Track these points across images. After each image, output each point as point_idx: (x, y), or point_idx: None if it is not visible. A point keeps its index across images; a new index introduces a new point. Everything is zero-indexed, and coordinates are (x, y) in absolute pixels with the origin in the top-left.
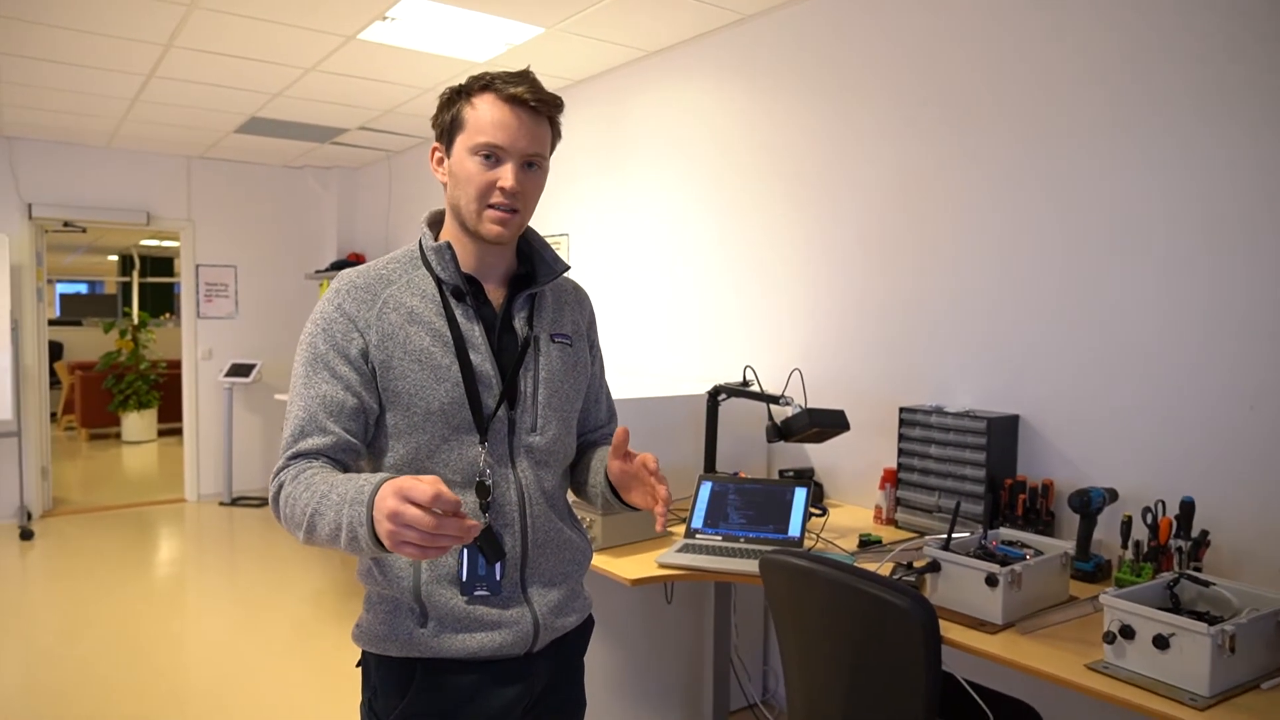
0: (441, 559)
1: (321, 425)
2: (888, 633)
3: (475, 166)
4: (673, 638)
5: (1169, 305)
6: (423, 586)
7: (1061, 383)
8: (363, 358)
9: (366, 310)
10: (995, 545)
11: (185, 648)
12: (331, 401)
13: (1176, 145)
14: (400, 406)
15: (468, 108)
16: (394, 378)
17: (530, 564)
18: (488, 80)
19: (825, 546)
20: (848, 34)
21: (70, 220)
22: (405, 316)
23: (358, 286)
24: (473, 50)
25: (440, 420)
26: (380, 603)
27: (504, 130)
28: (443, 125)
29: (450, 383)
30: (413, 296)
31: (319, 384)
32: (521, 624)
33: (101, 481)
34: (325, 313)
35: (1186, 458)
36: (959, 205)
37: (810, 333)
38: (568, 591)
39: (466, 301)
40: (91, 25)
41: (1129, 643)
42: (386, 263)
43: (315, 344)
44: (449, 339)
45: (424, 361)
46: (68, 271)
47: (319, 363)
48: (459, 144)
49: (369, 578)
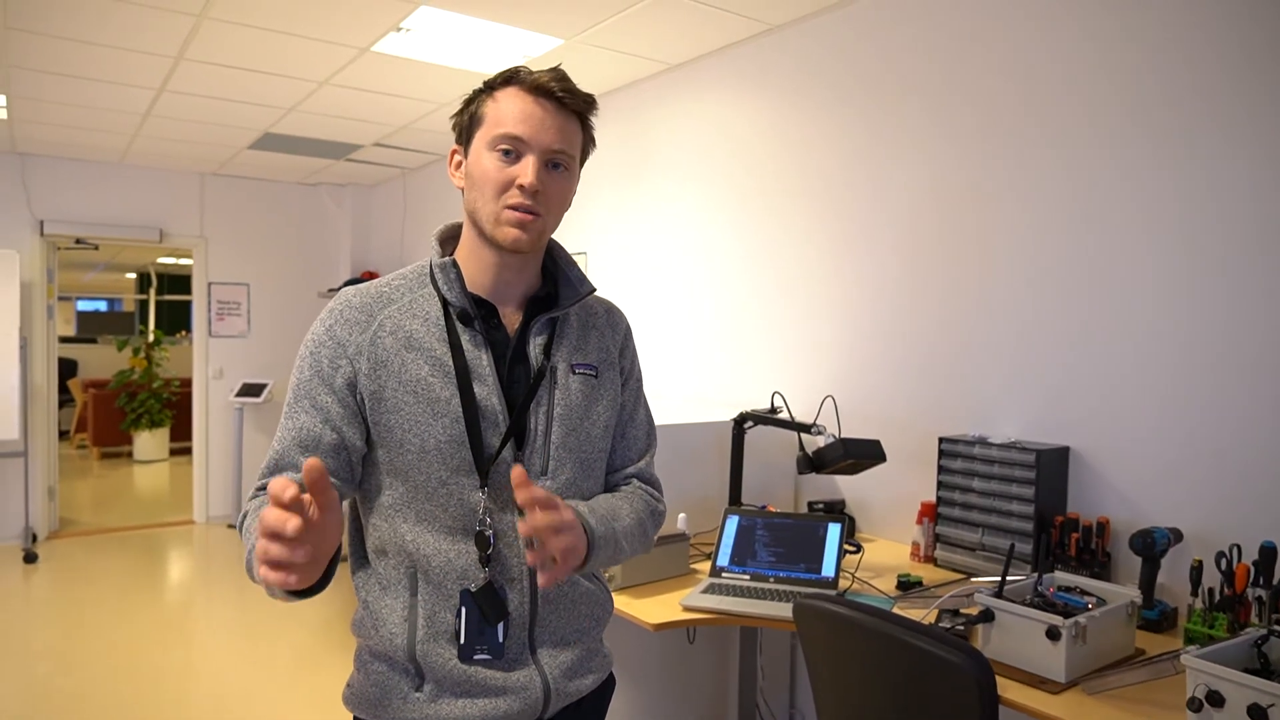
0: (440, 614)
1: (294, 462)
2: (938, 690)
3: (493, 162)
4: (695, 680)
5: (1234, 325)
6: (418, 645)
7: (1114, 411)
8: (349, 388)
9: (359, 334)
10: (1053, 592)
11: (187, 677)
12: (308, 436)
13: (1229, 155)
14: (392, 443)
15: (489, 101)
16: (385, 410)
17: (540, 623)
18: (511, 73)
19: (861, 588)
20: (876, 44)
21: (82, 237)
22: (402, 342)
23: (353, 307)
24: (489, 63)
25: (436, 460)
26: (372, 660)
27: (526, 122)
28: (461, 124)
29: (449, 418)
30: (413, 319)
31: (299, 414)
32: (530, 689)
33: (110, 502)
34: (316, 335)
35: (1256, 495)
36: (996, 220)
37: (842, 357)
38: (583, 651)
39: (475, 326)
40: (101, 37)
41: (1217, 710)
42: (392, 280)
43: (302, 369)
44: (450, 368)
45: (420, 393)
46: (87, 289)
47: (302, 390)
48: (477, 140)
49: (361, 629)
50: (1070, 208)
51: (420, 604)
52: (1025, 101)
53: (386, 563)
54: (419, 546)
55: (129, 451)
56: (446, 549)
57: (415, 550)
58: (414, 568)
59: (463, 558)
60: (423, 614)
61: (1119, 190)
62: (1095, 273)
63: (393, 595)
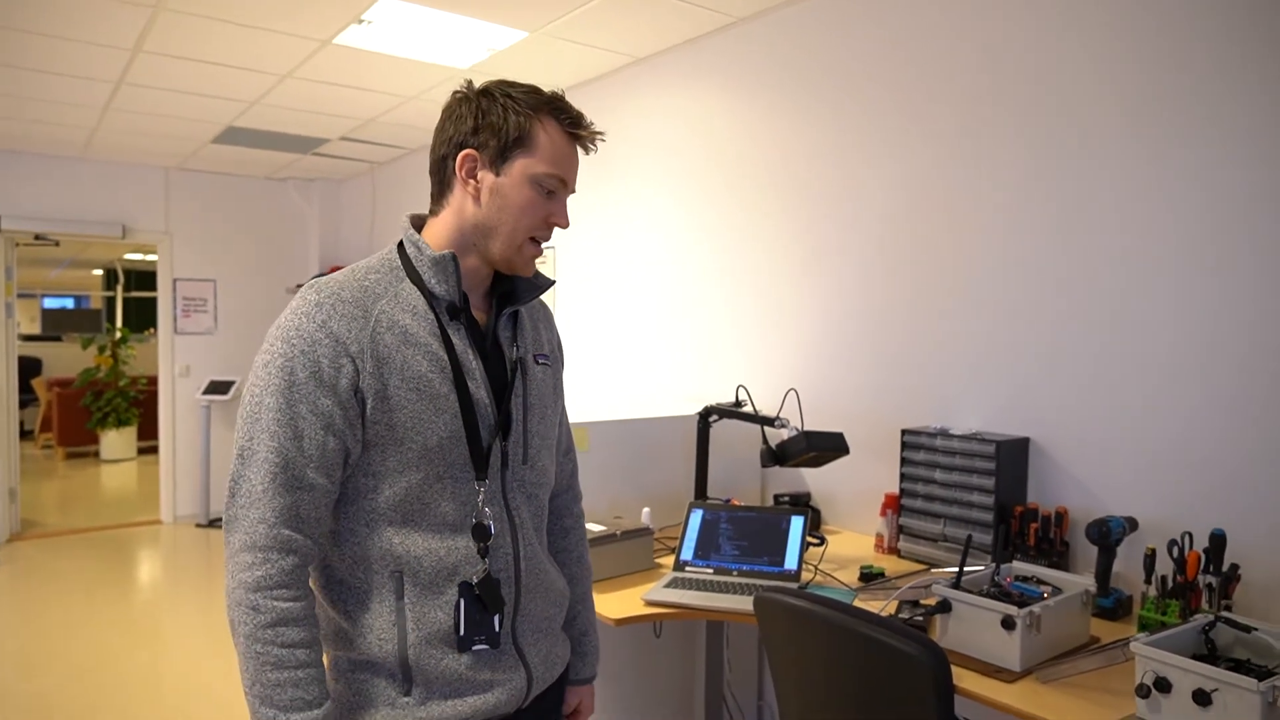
0: (431, 615)
1: (300, 475)
2: (895, 681)
3: (535, 195)
4: (662, 674)
5: (1190, 320)
6: (410, 649)
7: (1073, 403)
8: (352, 390)
9: (359, 330)
10: (1010, 582)
11: (154, 679)
12: (311, 444)
13: (1191, 153)
14: (393, 442)
15: (539, 129)
16: (390, 409)
17: (521, 611)
18: (554, 102)
19: (824, 580)
20: (842, 37)
21: (42, 233)
22: (400, 338)
23: (345, 301)
24: (454, 56)
25: (438, 457)
26: (353, 670)
27: (571, 166)
28: (501, 134)
29: (449, 414)
30: (404, 314)
31: (295, 421)
32: (515, 680)
33: (75, 502)
34: (305, 331)
35: (1210, 484)
36: (963, 216)
37: (806, 350)
38: (554, 639)
39: (461, 320)
40: (57, 29)
41: (1165, 697)
42: (366, 273)
43: (292, 370)
44: (446, 364)
45: (422, 390)
46: (53, 285)
47: (296, 394)
48: (521, 165)
49: (338, 642)
50: (1035, 205)
51: (408, 607)
52: (995, 97)
53: (367, 570)
54: (408, 549)
55: (95, 451)
56: (436, 547)
57: (404, 554)
58: (399, 572)
59: (454, 554)
60: (412, 617)
61: (1084, 189)
62: (1058, 270)
63: (376, 601)
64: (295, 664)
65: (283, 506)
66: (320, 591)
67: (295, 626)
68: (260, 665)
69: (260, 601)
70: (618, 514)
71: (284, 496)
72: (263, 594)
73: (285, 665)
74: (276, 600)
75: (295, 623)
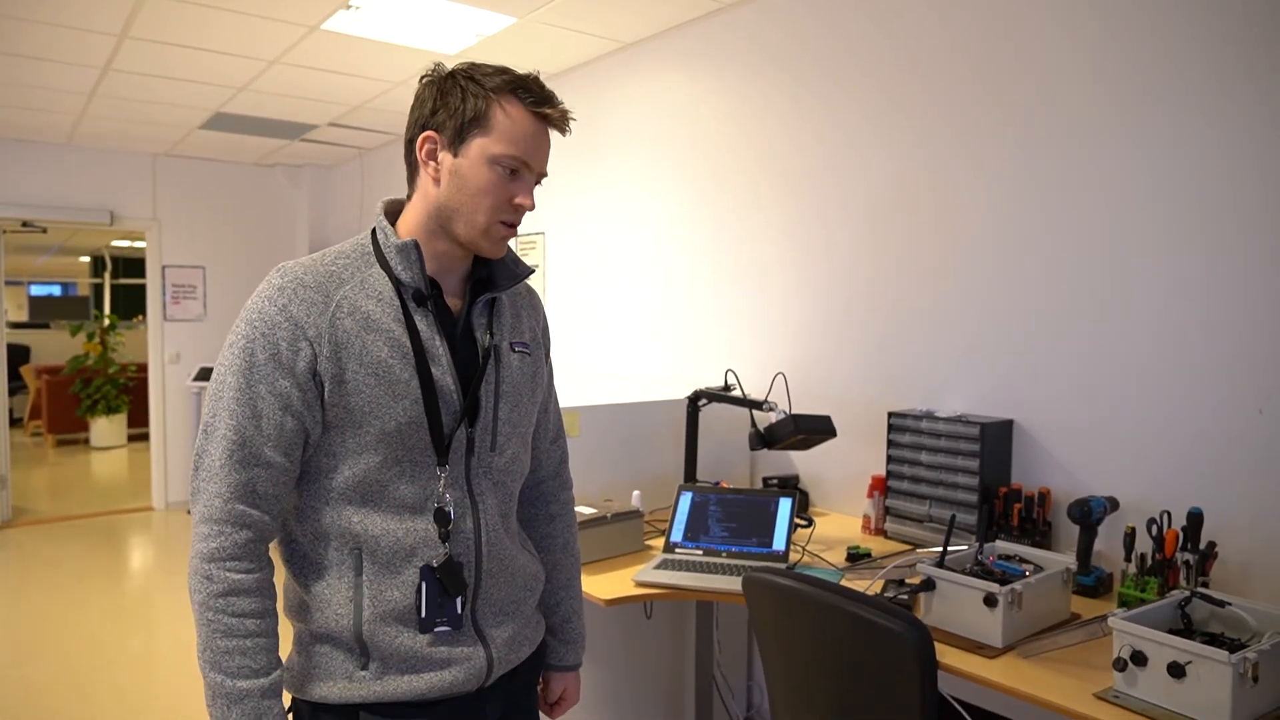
0: (388, 593)
1: (257, 452)
2: (880, 657)
3: (495, 177)
4: (653, 655)
5: (1170, 305)
6: (364, 625)
7: (1057, 386)
8: (309, 372)
9: (318, 315)
10: (992, 561)
11: (147, 665)
12: (269, 423)
13: (1175, 141)
14: (351, 425)
15: (497, 110)
16: (346, 393)
17: (482, 595)
18: (516, 83)
19: (812, 561)
20: (833, 23)
21: (29, 220)
22: (360, 323)
23: (306, 285)
24: (442, 42)
25: (396, 442)
26: (314, 642)
27: (536, 147)
28: (457, 115)
29: (409, 400)
30: (368, 299)
31: (254, 400)
32: (474, 660)
33: (66, 489)
34: (266, 314)
35: (1189, 465)
36: (949, 201)
37: (794, 335)
38: (522, 621)
39: (428, 307)
40: (42, 15)
41: (1141, 670)
42: (335, 258)
43: (252, 352)
44: (408, 349)
45: (381, 375)
46: (39, 273)
47: (258, 375)
48: (478, 145)
49: (300, 614)
50: (1021, 194)
51: (366, 584)
52: (982, 82)
53: (328, 546)
54: (366, 528)
55: (85, 438)
56: (394, 528)
57: (362, 532)
58: (359, 549)
59: (412, 536)
60: (369, 594)
61: (1070, 177)
62: (1041, 256)
63: (336, 577)
64: (244, 633)
65: (238, 482)
66: (285, 565)
67: (246, 597)
68: (211, 632)
69: (214, 571)
70: (608, 497)
71: (240, 472)
72: (216, 564)
73: (234, 634)
74: (229, 571)
75: (246, 593)
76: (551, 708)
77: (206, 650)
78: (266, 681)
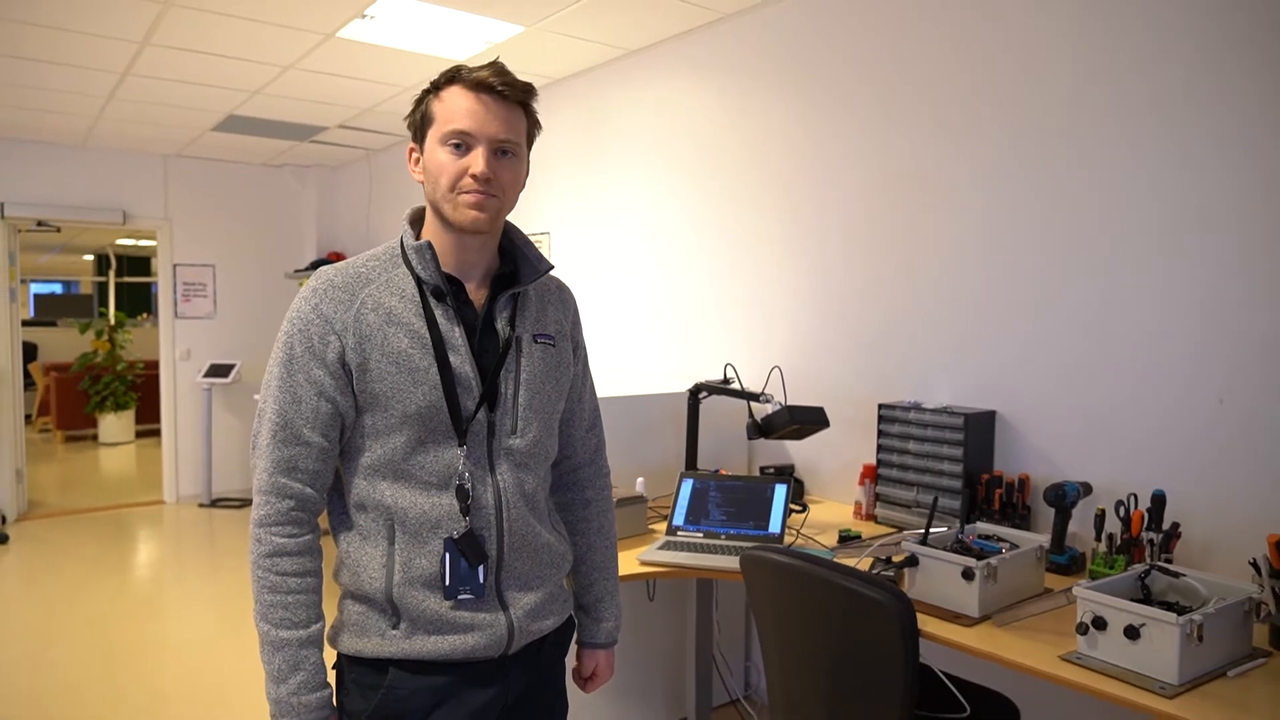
0: (416, 561)
1: (297, 433)
2: (866, 627)
3: (446, 156)
4: (655, 635)
5: (1143, 304)
6: (395, 588)
7: (1038, 380)
8: (339, 361)
9: (344, 311)
10: (972, 539)
11: (162, 653)
12: (307, 407)
13: (1159, 143)
14: (378, 408)
15: (435, 101)
16: (371, 380)
17: (506, 567)
18: (453, 72)
19: (805, 542)
20: (829, 32)
21: (44, 220)
22: (383, 317)
23: (335, 286)
24: (452, 49)
25: (418, 423)
26: (353, 602)
27: (471, 116)
28: (415, 124)
29: (428, 385)
30: (391, 296)
31: (294, 388)
32: (495, 627)
33: (78, 484)
34: (302, 313)
35: (1158, 452)
36: (940, 203)
37: (790, 330)
38: (546, 594)
39: (447, 302)
40: (65, 22)
41: (1101, 633)
42: (366, 260)
43: (291, 345)
44: (427, 340)
45: (401, 364)
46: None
47: (296, 365)
48: (430, 138)
49: (342, 577)
50: (1009, 196)
51: (397, 552)
52: (972, 86)
53: (365, 516)
54: (397, 501)
55: (94, 434)
56: (421, 502)
57: (393, 504)
58: (391, 520)
59: (437, 509)
60: (399, 561)
61: (1057, 178)
62: (1023, 260)
63: (372, 545)
64: (286, 590)
65: (281, 458)
66: (334, 531)
67: (288, 558)
68: (260, 587)
69: (261, 535)
70: (614, 484)
71: (283, 450)
72: (264, 529)
73: (278, 590)
74: (274, 535)
75: (289, 555)
76: (585, 683)
77: (256, 603)
78: (305, 633)
